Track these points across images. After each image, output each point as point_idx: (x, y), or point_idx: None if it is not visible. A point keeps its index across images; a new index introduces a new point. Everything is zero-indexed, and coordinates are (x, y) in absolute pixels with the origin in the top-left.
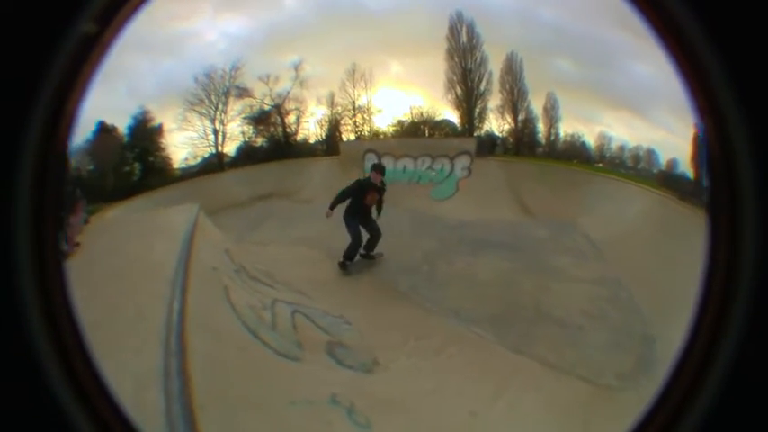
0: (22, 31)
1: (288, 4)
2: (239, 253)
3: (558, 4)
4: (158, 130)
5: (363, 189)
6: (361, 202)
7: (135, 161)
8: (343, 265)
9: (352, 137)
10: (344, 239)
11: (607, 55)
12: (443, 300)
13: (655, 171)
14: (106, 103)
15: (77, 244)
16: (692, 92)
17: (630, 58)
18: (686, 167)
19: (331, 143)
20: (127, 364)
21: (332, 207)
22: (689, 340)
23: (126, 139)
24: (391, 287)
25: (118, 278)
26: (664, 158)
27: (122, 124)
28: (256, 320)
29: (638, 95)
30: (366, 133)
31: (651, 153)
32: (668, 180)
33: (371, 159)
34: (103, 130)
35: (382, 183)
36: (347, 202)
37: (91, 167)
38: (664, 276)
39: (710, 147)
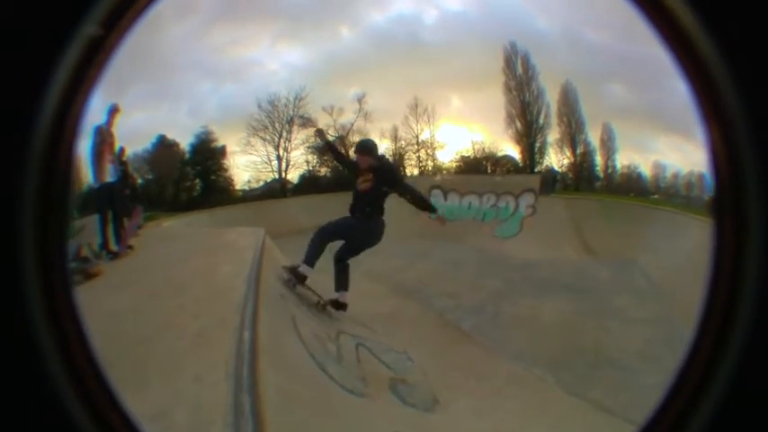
0: (26, 34)
1: (345, 36)
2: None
3: (601, 24)
4: (221, 151)
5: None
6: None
7: (196, 177)
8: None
9: (416, 171)
10: (410, 275)
11: (653, 73)
12: (506, 340)
13: (706, 197)
14: (168, 119)
15: (130, 247)
16: (698, 95)
17: (673, 75)
18: None
19: None
20: (183, 390)
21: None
22: (694, 344)
23: (188, 156)
24: (455, 326)
25: (177, 292)
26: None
27: (184, 141)
28: (323, 353)
29: (685, 115)
30: (430, 168)
31: (702, 178)
32: None
33: (438, 196)
34: (164, 144)
35: (378, 163)
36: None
37: (150, 176)
38: None
39: (715, 151)
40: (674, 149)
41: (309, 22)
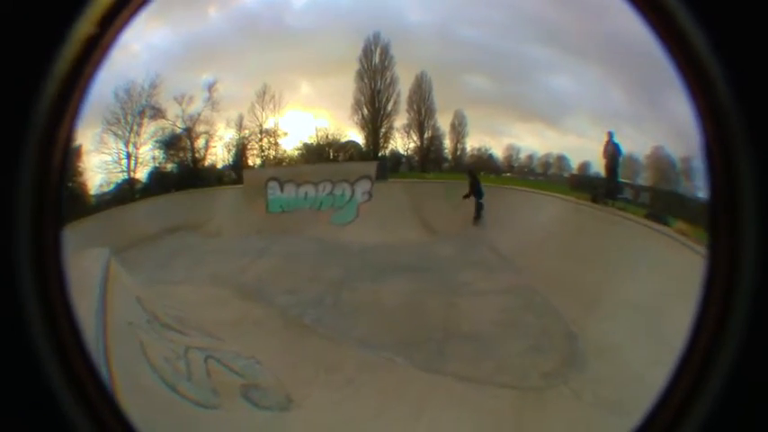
0: (23, 33)
1: (212, 16)
2: (150, 298)
3: (481, 21)
4: (77, 153)
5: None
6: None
7: None
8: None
9: (258, 161)
10: (250, 275)
11: (524, 70)
12: (350, 329)
13: (566, 175)
14: None
15: None
16: (693, 93)
17: (548, 73)
18: (598, 168)
19: (237, 169)
20: None
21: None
22: (690, 343)
23: None
24: (297, 321)
25: None
26: (575, 163)
27: None
28: (173, 373)
29: (551, 107)
30: (272, 157)
31: (562, 159)
32: (580, 182)
33: (275, 188)
34: None
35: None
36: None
37: None
38: (578, 277)
39: (710, 147)
40: (533, 135)
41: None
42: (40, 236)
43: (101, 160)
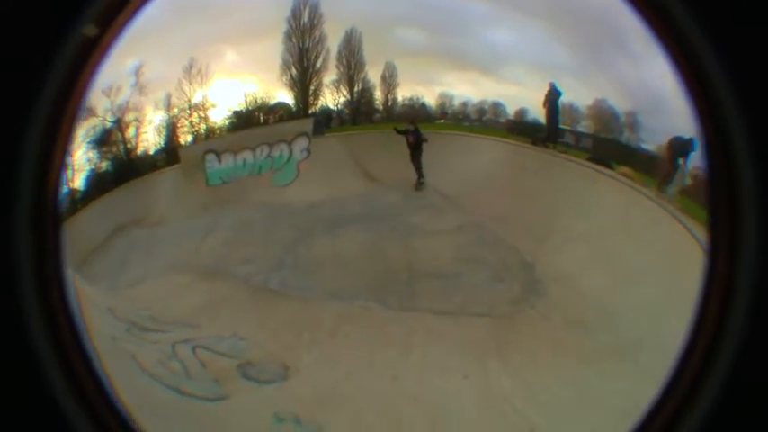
0: (24, 34)
1: None
2: (121, 306)
3: None
4: None
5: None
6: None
7: None
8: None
9: (190, 138)
10: (205, 253)
11: (459, 23)
12: (317, 285)
13: (502, 120)
14: None
15: None
16: (692, 93)
17: (486, 27)
18: (537, 115)
19: (170, 150)
20: None
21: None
22: (690, 341)
23: None
24: (263, 287)
25: None
26: (512, 109)
27: None
28: (171, 375)
29: (487, 57)
30: (203, 131)
31: (497, 105)
32: (517, 127)
33: (212, 161)
34: None
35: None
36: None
37: None
38: (525, 213)
39: (710, 144)
40: (467, 83)
41: None
42: (40, 237)
43: None
